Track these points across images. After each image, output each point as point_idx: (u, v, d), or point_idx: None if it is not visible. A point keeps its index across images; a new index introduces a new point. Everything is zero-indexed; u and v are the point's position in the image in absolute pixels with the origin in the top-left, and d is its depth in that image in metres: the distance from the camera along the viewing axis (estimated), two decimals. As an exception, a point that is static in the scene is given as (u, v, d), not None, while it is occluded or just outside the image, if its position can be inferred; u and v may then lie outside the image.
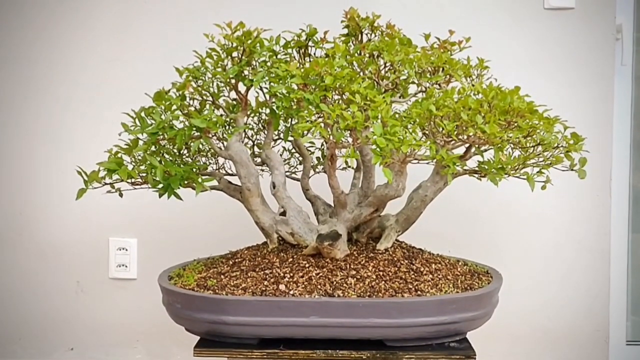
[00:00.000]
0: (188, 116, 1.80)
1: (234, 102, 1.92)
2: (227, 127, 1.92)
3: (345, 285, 1.77)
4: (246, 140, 2.04)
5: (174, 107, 1.81)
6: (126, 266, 2.59)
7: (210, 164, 2.01)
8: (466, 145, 1.77)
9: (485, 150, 1.77)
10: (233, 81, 1.85)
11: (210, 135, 1.83)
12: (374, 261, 1.84)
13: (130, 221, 2.58)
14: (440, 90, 1.82)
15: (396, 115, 1.74)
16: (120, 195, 1.87)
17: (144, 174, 1.81)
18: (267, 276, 1.80)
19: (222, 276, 1.84)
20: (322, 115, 1.69)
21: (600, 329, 2.54)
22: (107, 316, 2.60)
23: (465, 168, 1.80)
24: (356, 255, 1.86)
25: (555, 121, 1.74)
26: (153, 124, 1.79)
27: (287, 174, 2.04)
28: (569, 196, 2.49)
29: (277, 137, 2.01)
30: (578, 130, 1.79)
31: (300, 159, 2.05)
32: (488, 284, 1.87)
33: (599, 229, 2.52)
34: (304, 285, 1.77)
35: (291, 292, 1.75)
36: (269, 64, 1.83)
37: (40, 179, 2.60)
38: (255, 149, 2.04)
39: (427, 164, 1.82)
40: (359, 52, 1.86)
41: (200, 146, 1.88)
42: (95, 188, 1.83)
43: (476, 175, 1.82)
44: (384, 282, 1.78)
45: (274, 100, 1.86)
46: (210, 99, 1.88)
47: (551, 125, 1.73)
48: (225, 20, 1.81)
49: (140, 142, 1.81)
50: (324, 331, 1.73)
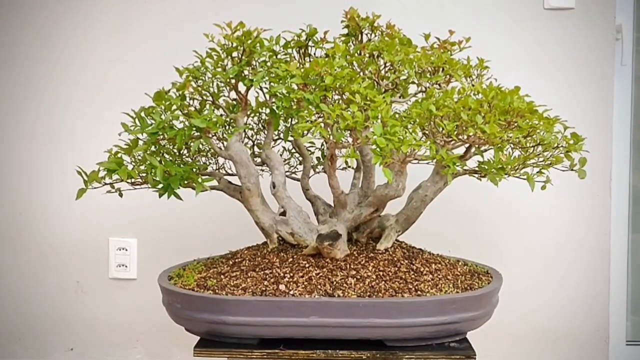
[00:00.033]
0: (188, 116, 1.80)
1: (234, 102, 1.92)
2: (227, 127, 1.92)
3: (345, 285, 1.77)
4: (246, 140, 2.04)
5: (174, 107, 1.81)
6: (126, 266, 2.59)
7: (210, 164, 2.01)
8: (466, 145, 1.77)
9: (485, 150, 1.77)
10: (233, 81, 1.84)
11: (210, 135, 1.83)
12: (374, 261, 1.84)
13: (130, 221, 2.57)
14: (440, 90, 1.82)
15: (396, 115, 1.74)
16: (120, 195, 1.87)
17: (144, 174, 1.81)
18: (267, 276, 1.80)
19: (222, 276, 1.84)
20: (322, 115, 1.69)
21: (600, 329, 2.54)
22: (107, 316, 2.60)
23: (465, 168, 1.80)
24: (356, 255, 1.86)
25: (555, 121, 1.74)
26: (153, 124, 1.79)
27: (287, 174, 2.04)
28: (569, 196, 2.49)
29: (277, 137, 2.01)
30: (578, 130, 1.79)
31: (300, 159, 2.05)
32: (488, 284, 1.87)
33: (599, 229, 2.52)
34: (304, 285, 1.77)
35: (291, 292, 1.75)
36: (269, 64, 1.83)
37: (40, 179, 2.60)
38: (255, 149, 2.04)
39: (427, 164, 1.82)
40: (359, 52, 1.86)
41: (200, 146, 1.88)
42: (95, 188, 1.83)
43: (476, 175, 1.82)
44: (384, 282, 1.78)
45: (274, 100, 1.86)
46: (210, 99, 1.88)
47: (551, 125, 1.73)
48: (225, 20, 1.81)
49: (140, 142, 1.81)
50: (323, 331, 1.72)
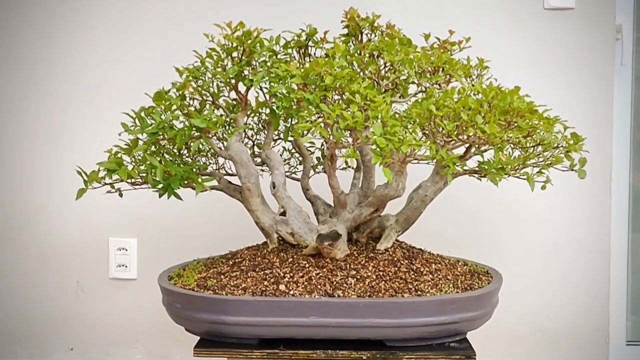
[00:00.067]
0: (188, 116, 1.80)
1: (234, 102, 1.92)
2: (227, 127, 1.92)
3: (345, 285, 1.77)
4: (246, 140, 2.04)
5: (174, 107, 1.81)
6: (126, 266, 2.58)
7: (210, 164, 2.01)
8: (466, 145, 1.77)
9: (485, 150, 1.77)
10: (233, 81, 1.84)
11: (210, 135, 1.83)
12: (374, 261, 1.84)
13: (130, 221, 2.57)
14: (440, 90, 1.82)
15: (396, 115, 1.74)
16: (120, 195, 1.87)
17: (144, 174, 1.81)
18: (267, 276, 1.80)
19: (222, 276, 1.84)
20: (322, 115, 1.69)
21: (600, 329, 2.54)
22: (107, 316, 2.60)
23: (465, 168, 1.80)
24: (356, 255, 1.86)
25: (555, 121, 1.74)
26: (153, 124, 1.79)
27: (287, 174, 2.04)
28: (569, 196, 2.49)
29: (277, 137, 2.01)
30: (578, 130, 1.79)
31: (300, 159, 2.05)
32: (488, 284, 1.87)
33: (599, 229, 2.52)
34: (304, 285, 1.77)
35: (291, 292, 1.75)
36: (269, 64, 1.83)
37: (40, 179, 2.60)
38: (255, 149, 2.04)
39: (427, 164, 1.82)
40: (359, 52, 1.86)
41: (200, 146, 1.87)
42: (95, 188, 1.83)
43: (476, 175, 1.82)
44: (384, 282, 1.78)
45: (274, 100, 1.86)
46: (210, 99, 1.88)
47: (551, 125, 1.73)
48: (225, 20, 1.81)
49: (140, 142, 1.81)
50: (324, 331, 1.72)
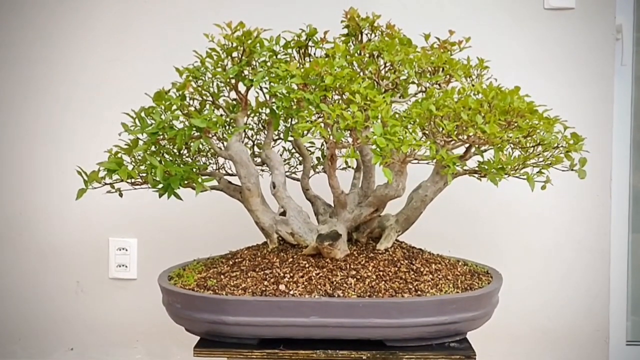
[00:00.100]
0: (188, 116, 1.80)
1: (234, 102, 1.92)
2: (227, 127, 1.92)
3: (345, 285, 1.77)
4: (246, 140, 2.04)
5: (174, 107, 1.81)
6: (126, 266, 2.58)
7: (210, 164, 2.01)
8: (466, 145, 1.77)
9: (485, 150, 1.77)
10: (233, 81, 1.84)
11: (210, 135, 1.83)
12: (374, 261, 1.84)
13: (130, 221, 2.57)
14: (440, 90, 1.82)
15: (396, 115, 1.74)
16: (120, 195, 1.87)
17: (144, 174, 1.81)
18: (267, 276, 1.80)
19: (222, 276, 1.84)
20: (322, 115, 1.69)
21: (600, 329, 2.54)
22: (107, 316, 2.60)
23: (465, 168, 1.80)
24: (356, 255, 1.86)
25: (555, 121, 1.74)
26: (153, 124, 1.79)
27: (287, 174, 2.04)
28: (569, 196, 2.49)
29: (277, 137, 2.01)
30: (578, 130, 1.79)
31: (300, 159, 2.05)
32: (488, 284, 1.87)
33: (599, 229, 2.52)
34: (304, 285, 1.77)
35: (291, 292, 1.75)
36: (269, 64, 1.83)
37: (40, 179, 2.60)
38: (255, 149, 2.04)
39: (427, 164, 1.82)
40: (359, 52, 1.86)
41: (200, 146, 1.88)
42: (95, 188, 1.83)
43: (476, 175, 1.82)
44: (384, 282, 1.78)
45: (274, 100, 1.86)
46: (210, 99, 1.88)
47: (551, 125, 1.73)
48: (225, 20, 1.81)
49: (140, 142, 1.81)
50: (324, 331, 1.72)
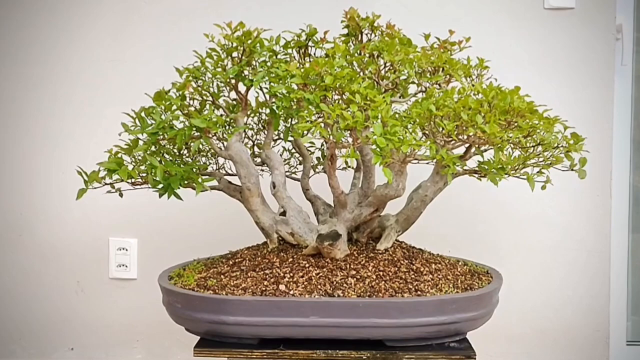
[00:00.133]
0: (188, 116, 1.80)
1: (234, 102, 1.92)
2: (227, 127, 1.92)
3: (345, 285, 1.77)
4: (246, 140, 2.04)
5: (174, 107, 1.81)
6: (126, 266, 2.58)
7: (210, 164, 2.01)
8: (466, 145, 1.77)
9: (485, 150, 1.77)
10: (233, 81, 1.84)
11: (210, 135, 1.83)
12: (374, 261, 1.84)
13: (130, 221, 2.57)
14: (440, 90, 1.82)
15: (396, 115, 1.74)
16: (120, 195, 1.87)
17: (144, 174, 1.81)
18: (267, 276, 1.80)
19: (222, 276, 1.84)
20: (322, 115, 1.69)
21: (600, 329, 2.54)
22: (107, 316, 2.60)
23: (465, 168, 1.80)
24: (356, 255, 1.86)
25: (555, 121, 1.74)
26: (153, 124, 1.79)
27: (287, 174, 2.04)
28: (569, 196, 2.49)
29: (277, 137, 2.01)
30: (578, 130, 1.79)
31: (300, 159, 2.05)
32: (488, 284, 1.87)
33: (599, 229, 2.52)
34: (304, 285, 1.77)
35: (291, 292, 1.75)
36: (269, 64, 1.83)
37: (40, 179, 2.60)
38: (255, 149, 2.04)
39: (427, 164, 1.82)
40: (359, 52, 1.86)
41: (200, 146, 1.88)
42: (95, 188, 1.83)
43: (476, 175, 1.82)
44: (384, 282, 1.78)
45: (274, 100, 1.86)
46: (210, 99, 1.88)
47: (551, 125, 1.73)
48: (225, 20, 1.81)
49: (140, 142, 1.81)
50: (324, 331, 1.72)
